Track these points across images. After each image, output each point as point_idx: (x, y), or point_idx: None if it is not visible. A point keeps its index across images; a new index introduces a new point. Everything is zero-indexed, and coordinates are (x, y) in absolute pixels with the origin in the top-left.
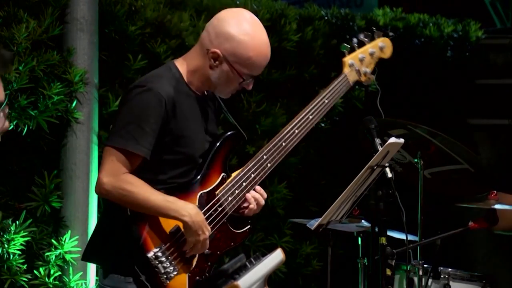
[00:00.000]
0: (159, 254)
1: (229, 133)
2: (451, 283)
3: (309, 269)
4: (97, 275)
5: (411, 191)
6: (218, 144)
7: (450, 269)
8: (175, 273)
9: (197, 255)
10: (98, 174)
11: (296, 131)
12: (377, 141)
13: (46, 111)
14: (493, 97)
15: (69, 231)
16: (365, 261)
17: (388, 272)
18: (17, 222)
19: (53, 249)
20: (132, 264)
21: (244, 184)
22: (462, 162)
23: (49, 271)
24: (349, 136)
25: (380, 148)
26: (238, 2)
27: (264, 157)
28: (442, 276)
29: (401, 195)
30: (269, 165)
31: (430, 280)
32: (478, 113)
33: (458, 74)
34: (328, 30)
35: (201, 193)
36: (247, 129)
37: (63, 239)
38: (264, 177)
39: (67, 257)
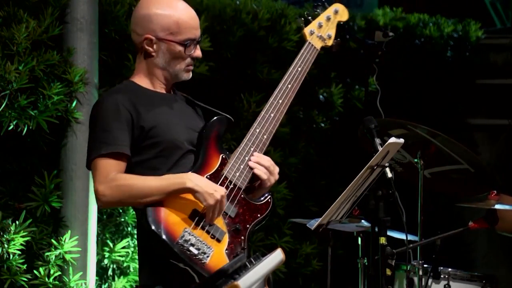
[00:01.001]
0: (187, 237)
1: (214, 118)
2: (451, 283)
3: (309, 269)
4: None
5: (411, 191)
6: (207, 130)
7: (450, 269)
8: (210, 252)
9: (226, 233)
10: (94, 189)
11: (280, 101)
12: (377, 141)
13: (46, 111)
14: (493, 97)
15: (69, 231)
16: (365, 261)
17: (388, 272)
18: (17, 222)
19: (53, 249)
20: (166, 258)
21: (246, 158)
22: (462, 162)
23: (49, 271)
24: (349, 136)
25: (380, 148)
26: (238, 2)
27: (257, 130)
28: (442, 276)
29: (401, 195)
30: (265, 137)
31: (430, 280)
32: (478, 113)
33: (458, 74)
34: None
35: (207, 176)
36: (247, 129)
37: (63, 239)
38: (264, 149)
39: (67, 257)
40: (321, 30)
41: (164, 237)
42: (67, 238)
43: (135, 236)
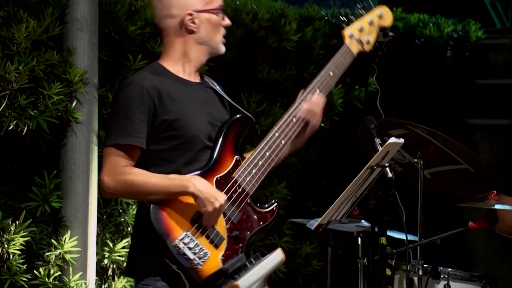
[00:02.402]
0: (186, 240)
1: (236, 116)
2: (451, 283)
3: (309, 269)
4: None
5: (411, 191)
6: (226, 128)
7: (450, 269)
8: (206, 257)
9: (225, 239)
10: (100, 178)
11: (305, 106)
12: (377, 141)
13: (46, 111)
14: (493, 97)
15: (69, 231)
16: (365, 261)
17: (388, 272)
18: (17, 222)
19: (53, 249)
20: (161, 257)
21: (260, 162)
22: (462, 162)
23: (49, 271)
24: (349, 136)
25: (380, 148)
26: (238, 2)
27: (276, 134)
28: (442, 276)
29: (401, 195)
30: (283, 141)
31: (430, 280)
32: (478, 113)
33: (458, 74)
34: (328, 30)
35: (217, 177)
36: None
37: (63, 239)
38: (280, 154)
39: (67, 257)
40: (362, 34)
41: (163, 236)
42: (67, 238)
43: None
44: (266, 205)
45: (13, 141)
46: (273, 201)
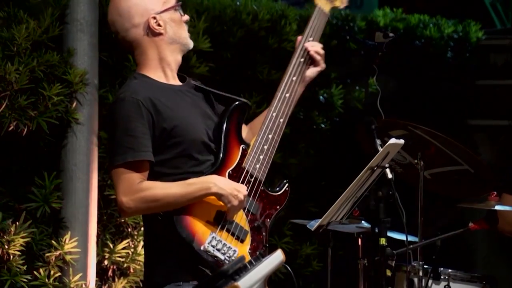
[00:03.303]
0: (214, 242)
1: (232, 105)
2: (451, 284)
3: (309, 270)
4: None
5: (411, 192)
6: (225, 120)
7: (450, 270)
8: (235, 255)
9: (249, 232)
10: (116, 199)
11: (294, 78)
12: (377, 142)
13: (46, 112)
14: (493, 98)
15: (69, 232)
16: (365, 262)
17: (388, 273)
18: (17, 223)
19: (53, 250)
20: (195, 264)
21: (265, 147)
22: (462, 163)
23: (49, 272)
24: (349, 137)
25: (380, 149)
26: (238, 3)
27: (274, 114)
28: (442, 277)
29: (401, 196)
30: (281, 120)
31: (430, 281)
32: (478, 113)
33: (458, 74)
34: (328, 30)
35: (229, 171)
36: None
37: (63, 240)
38: (281, 133)
39: (67, 258)
40: None
41: (193, 244)
42: (67, 239)
43: (135, 237)
44: (278, 188)
45: (13, 141)
46: (284, 181)
